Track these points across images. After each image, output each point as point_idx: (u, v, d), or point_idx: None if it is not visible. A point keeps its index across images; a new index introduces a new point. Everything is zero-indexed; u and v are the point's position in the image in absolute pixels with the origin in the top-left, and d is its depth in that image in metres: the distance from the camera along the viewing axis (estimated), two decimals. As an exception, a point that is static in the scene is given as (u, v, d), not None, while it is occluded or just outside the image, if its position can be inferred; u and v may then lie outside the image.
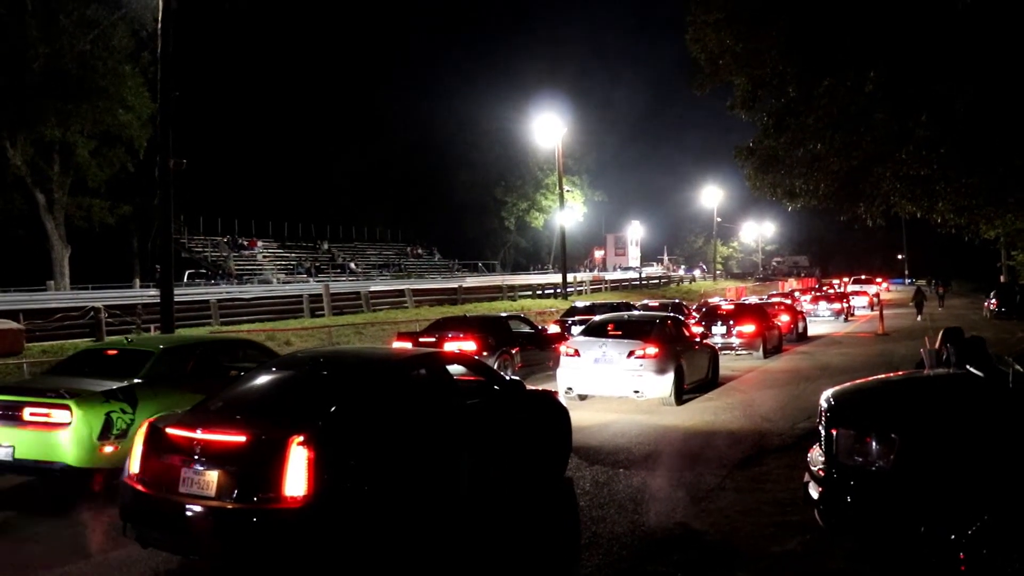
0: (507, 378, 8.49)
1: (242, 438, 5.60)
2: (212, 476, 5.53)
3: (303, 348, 19.62)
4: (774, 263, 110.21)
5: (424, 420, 6.71)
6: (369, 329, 25.63)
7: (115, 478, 8.04)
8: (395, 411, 6.50)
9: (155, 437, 5.95)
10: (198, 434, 5.71)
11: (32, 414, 7.83)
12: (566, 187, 52.56)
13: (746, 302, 29.51)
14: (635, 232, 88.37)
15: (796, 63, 15.48)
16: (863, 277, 73.00)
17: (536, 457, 8.12)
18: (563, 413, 8.84)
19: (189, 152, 19.62)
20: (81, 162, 36.56)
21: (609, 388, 13.57)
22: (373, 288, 39.05)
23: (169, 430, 5.89)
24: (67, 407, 7.74)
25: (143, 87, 35.60)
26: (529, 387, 8.65)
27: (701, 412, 12.98)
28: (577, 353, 13.89)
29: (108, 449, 7.88)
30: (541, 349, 17.45)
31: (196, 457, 5.62)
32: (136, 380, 8.43)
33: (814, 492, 5.65)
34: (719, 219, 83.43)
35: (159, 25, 17.17)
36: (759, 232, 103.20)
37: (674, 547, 6.40)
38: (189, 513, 5.49)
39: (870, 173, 16.73)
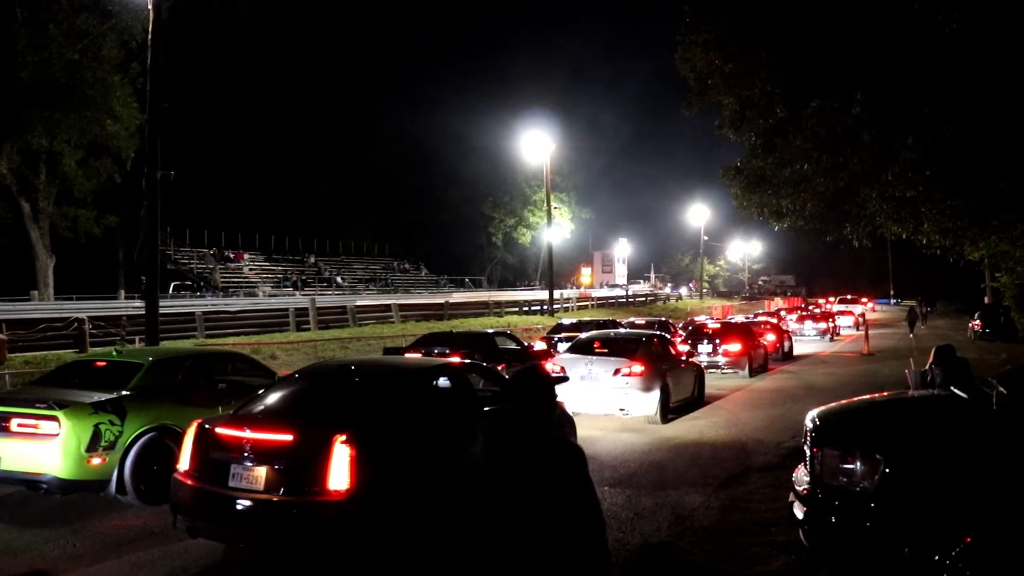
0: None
1: (289, 437, 6.05)
2: (260, 472, 5.99)
3: (289, 361, 19.58)
4: (760, 282, 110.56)
5: (447, 423, 7.24)
6: (355, 344, 25.58)
7: (102, 490, 8.06)
8: (422, 414, 7.02)
9: (204, 436, 6.43)
10: (246, 433, 6.18)
11: (19, 425, 7.79)
12: (554, 204, 52.68)
13: (732, 321, 29.62)
14: (622, 249, 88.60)
15: (784, 84, 15.63)
16: (849, 297, 73.40)
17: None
18: (570, 423, 9.46)
19: (176, 163, 19.65)
20: (67, 172, 36.33)
21: (595, 406, 13.60)
22: (359, 302, 38.92)
23: (218, 430, 6.37)
24: (55, 418, 7.70)
25: (131, 98, 35.46)
26: None
27: (687, 430, 13.02)
28: (563, 370, 13.91)
29: (96, 461, 7.84)
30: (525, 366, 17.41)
31: (245, 454, 6.08)
32: (125, 392, 8.39)
33: (799, 512, 5.68)
34: (706, 237, 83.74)
35: (149, 36, 17.18)
36: (746, 251, 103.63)
37: (658, 566, 6.43)
38: (238, 506, 5.96)
39: (856, 194, 16.88)
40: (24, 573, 6.42)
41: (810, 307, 57.09)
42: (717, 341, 21.94)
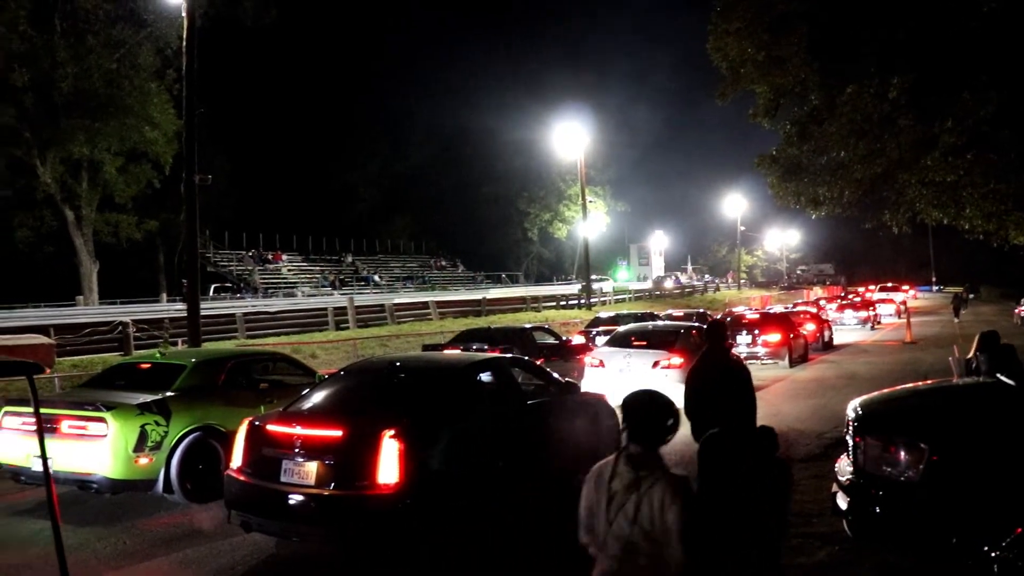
0: (563, 380, 8.94)
1: (338, 433, 6.19)
2: (311, 467, 6.13)
3: (329, 360, 19.75)
4: (799, 271, 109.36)
5: (492, 417, 7.35)
6: (394, 341, 25.73)
7: (149, 489, 8.21)
8: (467, 409, 7.13)
9: (255, 434, 6.60)
10: (297, 430, 6.35)
11: (70, 427, 7.95)
12: (589, 198, 52.56)
13: (771, 311, 29.36)
14: (658, 242, 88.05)
15: (818, 71, 15.47)
16: (889, 285, 72.36)
17: (588, 455, 8.33)
18: (614, 417, 9.31)
19: (214, 167, 19.89)
20: (109, 179, 36.97)
21: (635, 399, 13.54)
22: (397, 300, 39.17)
23: (269, 427, 6.56)
24: (103, 420, 7.84)
25: (168, 104, 35.99)
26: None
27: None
28: (602, 364, 13.92)
29: (143, 461, 7.99)
30: (565, 360, 17.40)
31: (295, 450, 6.23)
32: (169, 393, 8.52)
33: (842, 502, 5.63)
34: (743, 228, 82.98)
35: (183, 43, 17.40)
36: (783, 240, 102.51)
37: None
38: (290, 500, 6.11)
39: (895, 180, 16.65)
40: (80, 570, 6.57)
41: (850, 296, 56.38)
42: (756, 332, 21.74)
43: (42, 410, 8.09)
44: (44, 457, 3.42)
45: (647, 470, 3.34)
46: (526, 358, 9.88)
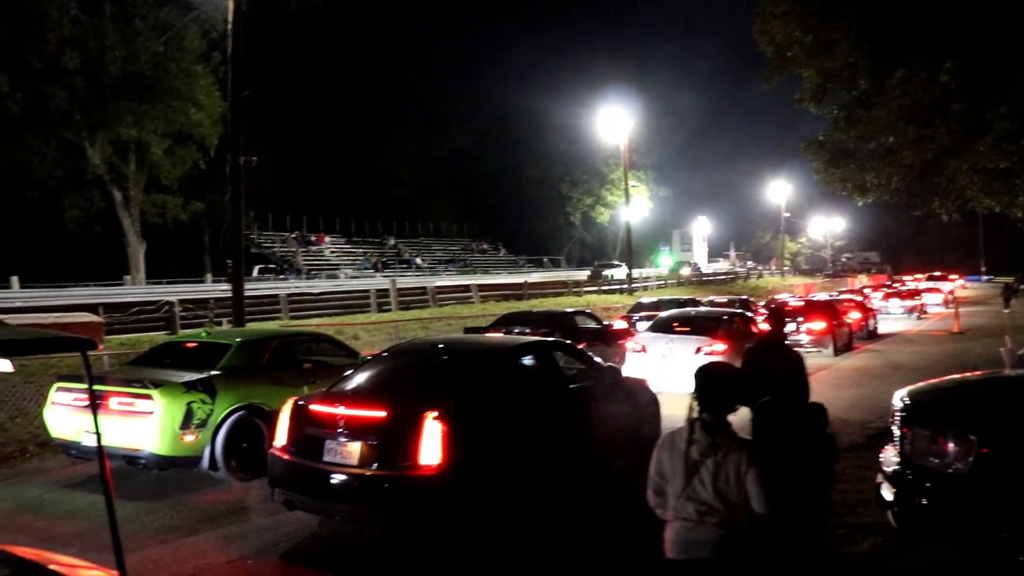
0: (605, 365, 8.97)
1: (382, 413, 6.25)
2: (354, 447, 6.19)
3: (371, 341, 19.88)
4: (843, 259, 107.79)
5: (534, 400, 7.33)
6: (435, 324, 25.82)
7: (195, 466, 8.35)
8: (510, 392, 7.14)
9: (299, 413, 6.66)
10: (340, 410, 6.42)
11: (118, 403, 8.09)
12: (631, 182, 52.24)
13: (815, 299, 29.00)
14: (701, 227, 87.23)
15: (867, 54, 15.18)
16: (937, 274, 71.11)
17: (630, 440, 8.52)
18: (655, 402, 9.44)
19: (258, 149, 20.03)
20: (155, 160, 37.56)
21: (676, 384, 13.43)
22: (439, 283, 39.31)
23: (313, 407, 6.62)
24: (151, 397, 7.98)
25: (214, 86, 36.43)
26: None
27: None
28: (644, 349, 13.87)
29: (189, 438, 8.12)
30: (607, 345, 17.37)
31: (339, 430, 6.30)
32: (215, 372, 8.64)
33: (887, 493, 5.55)
34: (787, 214, 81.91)
35: (229, 26, 17.52)
36: (828, 228, 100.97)
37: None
38: (332, 480, 6.21)
39: (945, 166, 16.34)
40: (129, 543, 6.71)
41: (896, 284, 55.51)
42: (800, 319, 21.48)
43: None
44: (98, 433, 3.47)
45: (721, 436, 3.64)
46: (568, 342, 9.86)
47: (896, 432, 5.68)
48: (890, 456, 5.78)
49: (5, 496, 8.15)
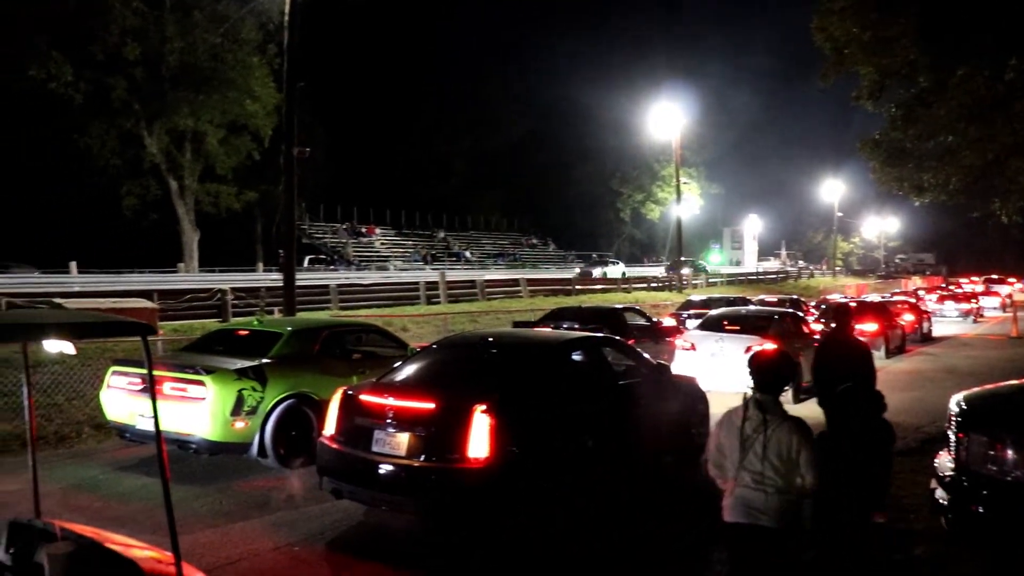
0: (655, 362, 8.91)
1: (431, 405, 6.28)
2: (402, 438, 6.24)
3: (420, 334, 20.00)
4: (897, 260, 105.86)
5: (582, 396, 7.30)
6: (484, 318, 25.89)
7: (244, 452, 8.47)
8: (559, 387, 7.10)
9: (349, 403, 6.74)
10: (390, 401, 6.46)
11: (171, 388, 8.22)
12: (682, 179, 51.88)
13: (867, 300, 28.52)
14: (752, 226, 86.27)
15: (928, 52, 14.89)
16: (995, 276, 69.42)
17: (678, 438, 8.60)
18: (704, 400, 9.40)
19: (311, 140, 20.26)
20: (211, 150, 38.18)
21: (725, 383, 13.31)
22: (488, 277, 39.49)
23: (362, 397, 6.69)
24: (203, 383, 8.10)
25: (268, 78, 36.91)
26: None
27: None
28: (693, 347, 13.77)
29: (239, 425, 8.22)
30: (655, 342, 17.23)
31: (388, 421, 6.34)
32: (266, 360, 8.72)
33: (941, 499, 5.45)
34: (840, 213, 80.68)
35: (285, 17, 17.71)
36: (882, 228, 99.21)
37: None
38: (380, 470, 6.25)
39: (1007, 167, 15.98)
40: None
41: (951, 287, 54.36)
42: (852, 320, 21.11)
43: (143, 371, 8.46)
44: (156, 418, 3.55)
45: (772, 414, 4.14)
46: (618, 338, 9.82)
47: (952, 437, 5.56)
48: (945, 462, 5.66)
49: (63, 475, 8.33)
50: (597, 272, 51.25)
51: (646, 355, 9.07)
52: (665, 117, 47.07)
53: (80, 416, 10.75)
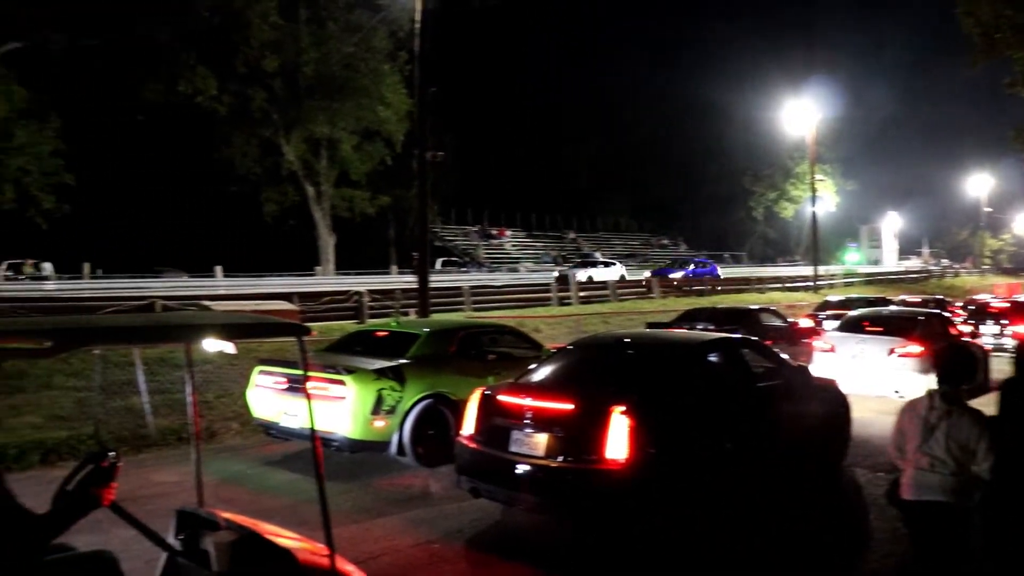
0: (794, 364, 8.77)
1: (569, 406, 6.27)
2: (540, 438, 6.27)
3: (552, 335, 20.06)
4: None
5: (721, 398, 7.19)
6: (616, 319, 25.72)
7: (383, 451, 8.67)
8: (697, 388, 7.03)
9: (487, 403, 6.81)
10: (527, 401, 6.49)
11: (314, 388, 8.46)
12: (817, 176, 50.19)
13: (1021, 299, 26.87)
14: (891, 223, 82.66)
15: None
16: None
17: (818, 443, 8.35)
18: (845, 404, 9.05)
19: (442, 144, 20.57)
20: (345, 156, 39.29)
21: (866, 386, 12.87)
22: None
23: (500, 397, 6.76)
24: (343, 383, 8.33)
25: (400, 84, 37.72)
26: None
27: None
28: (832, 349, 13.34)
29: (378, 424, 8.42)
30: (791, 343, 16.75)
31: (525, 421, 6.38)
32: (404, 360, 8.90)
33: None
34: (988, 209, 76.41)
35: (416, 25, 18.05)
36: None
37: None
38: (518, 470, 6.28)
39: None
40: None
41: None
42: (1004, 321, 20.00)
43: (288, 371, 8.79)
44: (312, 418, 3.76)
45: (955, 405, 4.60)
46: (757, 339, 9.59)
47: None
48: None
49: (215, 469, 8.69)
50: (580, 276, 38.08)
51: (785, 356, 8.83)
52: (799, 113, 45.79)
53: (228, 413, 11.21)
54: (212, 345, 3.67)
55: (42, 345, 3.10)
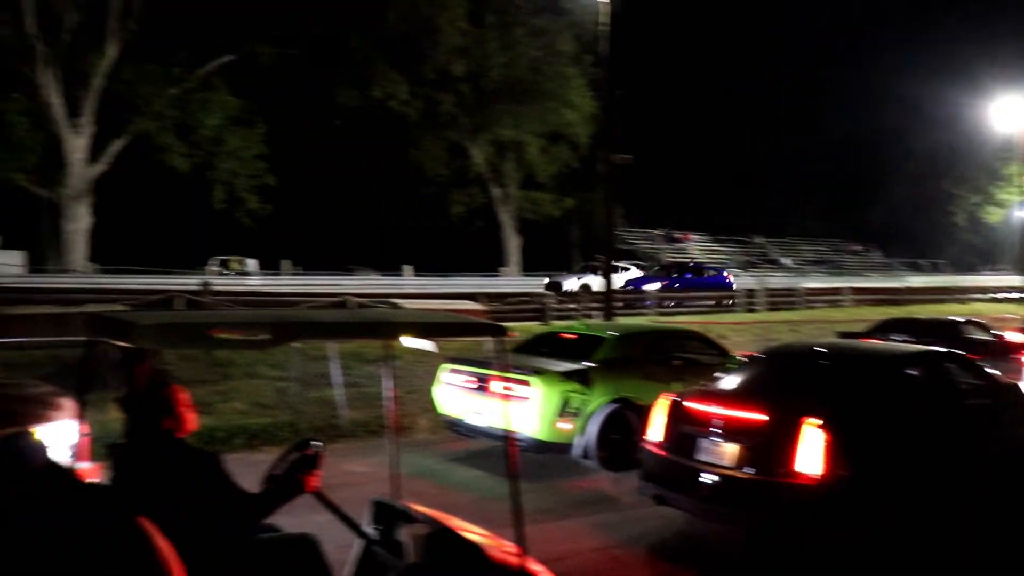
0: (1007, 382, 8.23)
1: (760, 416, 6.14)
2: (728, 448, 6.14)
3: (739, 342, 19.53)
4: None
5: (923, 415, 6.78)
6: (805, 327, 24.77)
7: (566, 453, 8.68)
8: (897, 404, 6.69)
9: (674, 410, 6.72)
10: (716, 410, 6.38)
11: (500, 388, 8.56)
12: (1026, 178, 46.42)
13: None
14: (1122, 228, 75.02)
15: None
16: None
17: None
18: None
19: (628, 149, 20.42)
20: (531, 159, 39.81)
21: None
22: (807, 285, 37.99)
23: (688, 404, 6.66)
24: (530, 384, 8.42)
25: (585, 87, 37.81)
26: None
27: None
28: (1050, 365, 12.25)
29: (563, 426, 8.44)
30: (997, 359, 15.55)
31: (714, 430, 6.26)
32: (590, 363, 8.90)
33: None
34: None
35: (604, 28, 18.01)
36: None
37: None
38: (703, 479, 6.18)
39: None
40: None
41: None
42: None
43: (475, 369, 8.97)
44: (506, 417, 3.82)
45: None
46: (963, 354, 8.95)
47: None
48: None
49: (403, 462, 8.93)
50: (569, 284, 32.41)
51: (995, 372, 8.20)
52: (1007, 109, 42.46)
53: (416, 409, 11.53)
54: (413, 343, 3.80)
55: (259, 337, 3.30)
